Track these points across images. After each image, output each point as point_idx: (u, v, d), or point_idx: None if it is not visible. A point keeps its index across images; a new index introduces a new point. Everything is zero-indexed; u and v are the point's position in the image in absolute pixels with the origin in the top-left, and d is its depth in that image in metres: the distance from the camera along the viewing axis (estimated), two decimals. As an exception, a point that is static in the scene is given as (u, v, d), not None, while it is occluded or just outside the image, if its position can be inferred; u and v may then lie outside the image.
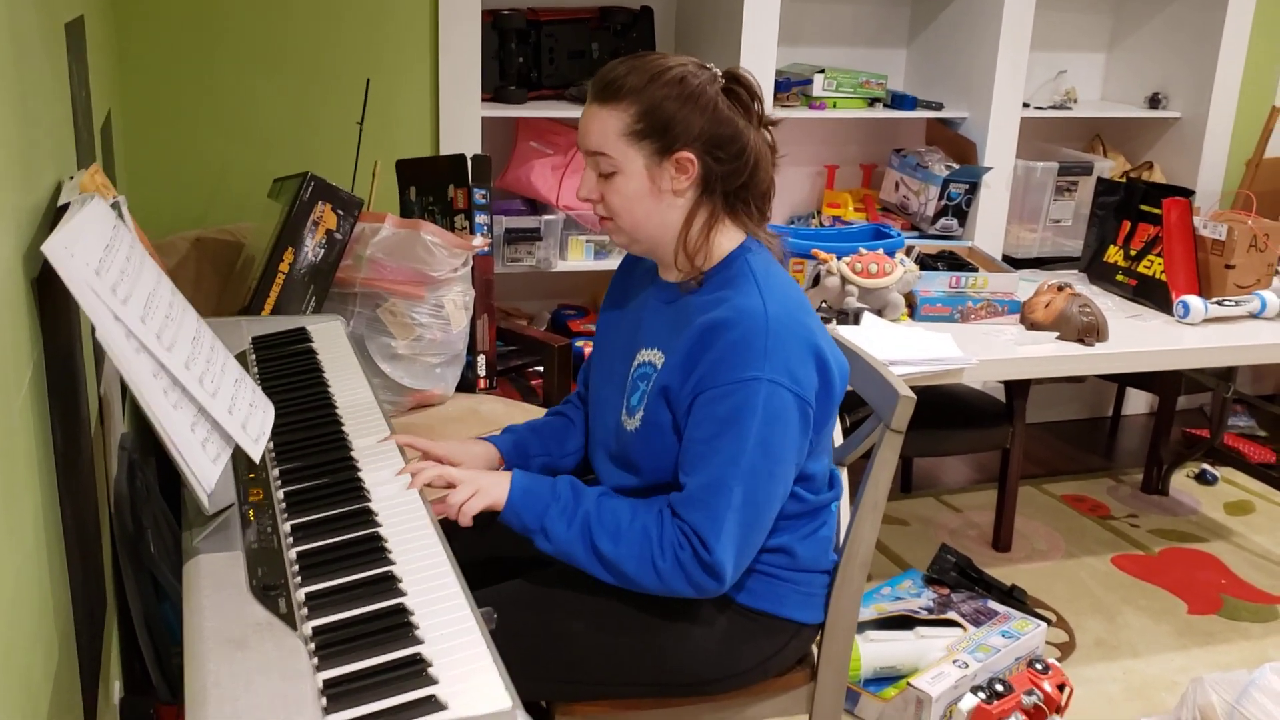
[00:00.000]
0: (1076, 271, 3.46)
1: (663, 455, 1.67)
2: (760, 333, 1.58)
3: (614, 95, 1.62)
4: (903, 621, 2.71)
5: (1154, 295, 3.14)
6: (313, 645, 1.14)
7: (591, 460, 1.86)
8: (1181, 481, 3.88)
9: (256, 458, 1.49)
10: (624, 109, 1.62)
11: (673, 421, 1.65)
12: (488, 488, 1.64)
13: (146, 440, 1.53)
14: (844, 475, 1.92)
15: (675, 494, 1.62)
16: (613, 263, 3.35)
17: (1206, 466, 3.91)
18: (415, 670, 1.11)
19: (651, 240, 1.69)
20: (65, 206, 1.32)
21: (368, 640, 1.15)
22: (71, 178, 1.51)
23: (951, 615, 2.73)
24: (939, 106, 3.67)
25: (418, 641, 1.16)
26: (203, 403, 1.40)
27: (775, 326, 1.58)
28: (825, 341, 1.66)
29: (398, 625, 1.18)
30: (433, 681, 1.10)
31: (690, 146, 1.62)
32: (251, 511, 1.41)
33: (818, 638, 1.82)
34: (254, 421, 1.53)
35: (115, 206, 1.47)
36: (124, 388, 1.81)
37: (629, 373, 1.74)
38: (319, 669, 1.11)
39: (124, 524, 1.38)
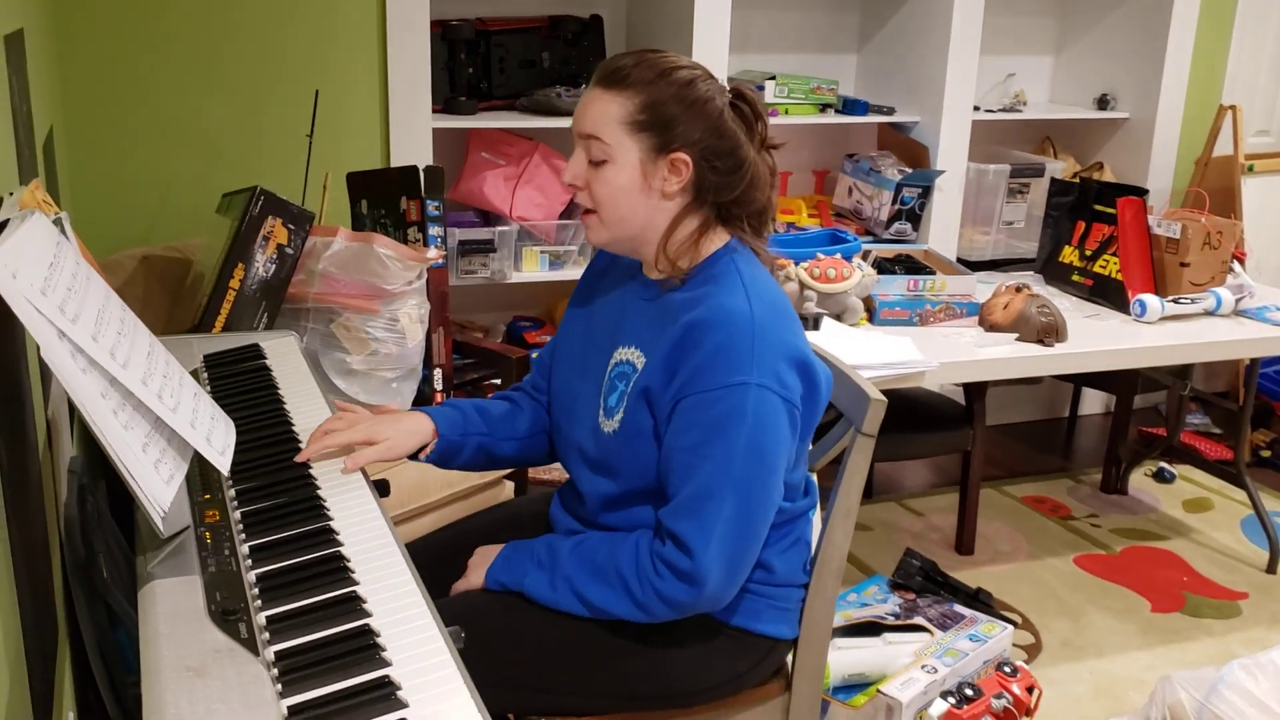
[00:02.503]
0: (1032, 272, 3.47)
1: (643, 459, 1.63)
2: (746, 335, 1.54)
3: (619, 83, 1.59)
4: (870, 628, 2.69)
5: (1110, 295, 3.15)
6: (276, 671, 1.10)
7: (564, 464, 1.81)
8: (1140, 480, 3.90)
9: (226, 469, 1.46)
10: (628, 98, 1.58)
11: (654, 427, 1.61)
12: (477, 566, 1.75)
13: (96, 463, 1.48)
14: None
15: (664, 507, 1.58)
16: (567, 273, 3.31)
17: (1164, 465, 3.94)
18: (384, 694, 1.07)
19: (632, 240, 1.66)
20: (4, 223, 1.27)
21: (333, 664, 1.11)
22: (11, 194, 1.46)
23: (918, 620, 2.71)
24: (890, 111, 3.67)
25: (385, 664, 1.12)
26: (164, 417, 1.36)
27: (761, 329, 1.55)
28: (809, 348, 1.63)
29: (364, 647, 1.14)
30: (403, 705, 1.06)
31: (688, 149, 1.59)
32: (208, 534, 1.36)
33: (792, 650, 1.79)
34: (218, 435, 1.49)
35: (57, 223, 1.42)
36: (72, 409, 1.76)
37: (606, 370, 1.69)
38: (283, 695, 1.07)
39: (75, 549, 1.33)
